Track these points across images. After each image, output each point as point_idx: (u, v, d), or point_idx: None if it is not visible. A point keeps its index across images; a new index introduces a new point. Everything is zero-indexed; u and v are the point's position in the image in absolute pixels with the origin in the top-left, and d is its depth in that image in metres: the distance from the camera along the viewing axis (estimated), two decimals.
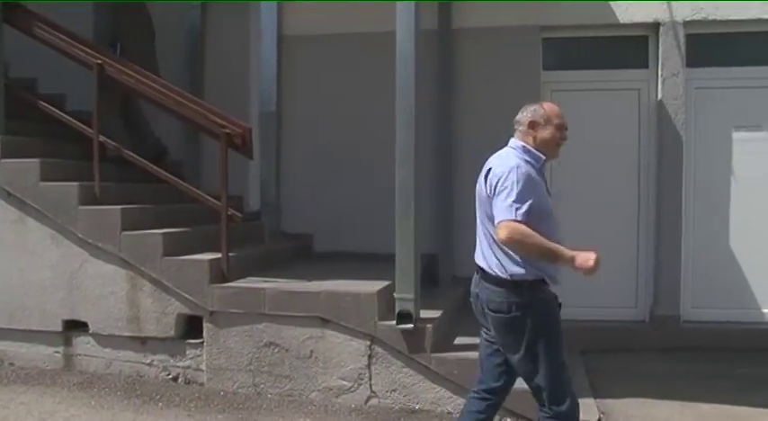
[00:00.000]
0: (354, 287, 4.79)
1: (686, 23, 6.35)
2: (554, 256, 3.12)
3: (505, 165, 3.27)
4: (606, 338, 6.35)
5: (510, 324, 3.26)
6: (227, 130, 5.04)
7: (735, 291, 6.46)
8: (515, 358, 3.31)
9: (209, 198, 5.23)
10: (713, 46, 6.52)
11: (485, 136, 6.45)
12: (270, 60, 6.77)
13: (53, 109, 5.68)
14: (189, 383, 5.03)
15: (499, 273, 3.25)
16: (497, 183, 3.23)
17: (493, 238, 3.28)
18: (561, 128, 3.42)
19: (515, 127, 3.54)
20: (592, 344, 6.25)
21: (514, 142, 3.47)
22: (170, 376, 5.09)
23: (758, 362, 5.85)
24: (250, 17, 6.91)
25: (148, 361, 5.14)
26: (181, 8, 6.97)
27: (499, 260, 3.26)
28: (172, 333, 5.05)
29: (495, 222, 3.18)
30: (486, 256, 3.35)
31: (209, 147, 6.27)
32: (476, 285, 3.45)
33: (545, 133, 3.41)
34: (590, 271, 3.06)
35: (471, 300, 3.52)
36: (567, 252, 3.09)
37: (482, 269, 3.37)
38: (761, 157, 6.43)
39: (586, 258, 3.06)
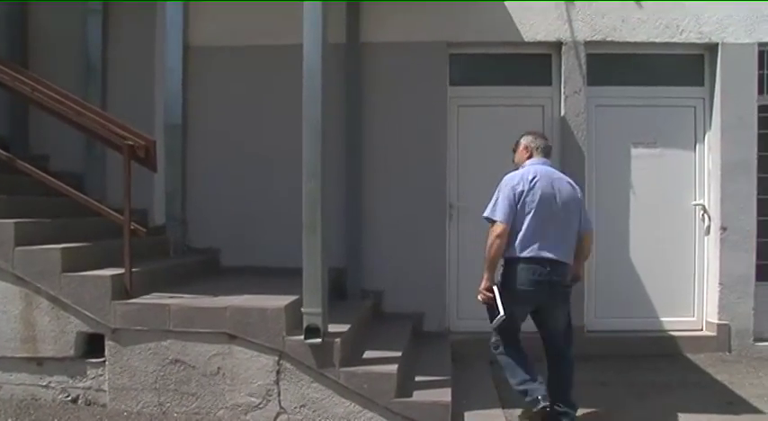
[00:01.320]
0: (262, 302, 4.71)
1: (587, 43, 6.62)
2: None
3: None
4: None
5: (569, 292, 4.69)
6: (130, 142, 4.89)
7: (634, 300, 6.75)
8: (565, 313, 4.72)
9: (111, 211, 5.06)
10: (612, 66, 6.83)
11: (393, 149, 6.61)
12: (176, 71, 6.59)
13: None
14: (90, 405, 4.82)
15: (570, 262, 4.53)
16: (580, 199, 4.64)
17: (574, 236, 4.56)
18: None
19: (549, 152, 4.77)
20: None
21: None
22: (69, 398, 4.86)
23: (655, 367, 6.12)
24: (155, 26, 6.73)
25: (45, 383, 4.89)
26: (81, 12, 6.71)
27: (572, 252, 4.56)
28: (71, 352, 4.83)
29: (589, 229, 4.70)
30: (568, 250, 4.51)
31: (112, 160, 6.08)
32: (548, 274, 4.40)
33: None
34: None
35: (541, 287, 4.42)
36: None
37: (557, 260, 4.41)
38: (657, 173, 6.76)
39: None
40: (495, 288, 4.48)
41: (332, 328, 4.63)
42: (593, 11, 6.59)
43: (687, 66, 6.82)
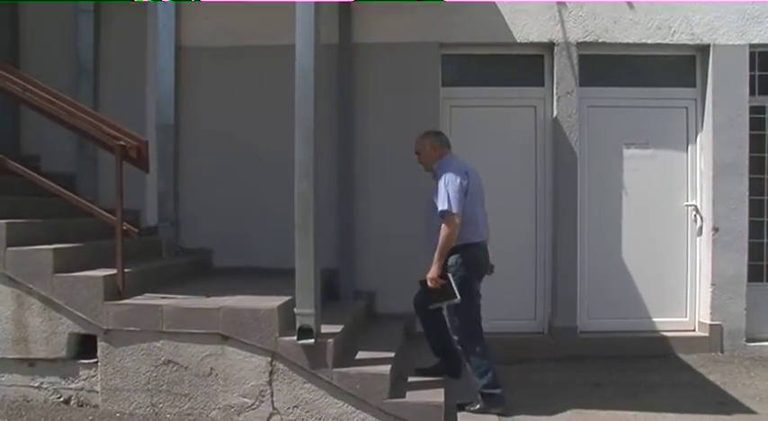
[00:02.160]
0: (254, 303, 4.71)
1: (579, 44, 6.63)
2: None
3: None
4: (507, 349, 6.45)
5: None
6: (122, 143, 4.88)
7: (627, 301, 6.76)
8: None
9: (103, 212, 5.05)
10: (604, 66, 6.84)
11: (385, 149, 6.60)
12: (167, 71, 6.57)
13: None
14: (82, 406, 4.81)
15: None
16: None
17: None
18: None
19: None
20: (492, 355, 6.39)
21: None
22: (61, 399, 4.85)
23: (646, 368, 6.14)
24: (147, 26, 6.70)
25: (37, 384, 4.87)
26: (72, 12, 6.68)
27: None
28: (63, 353, 4.82)
29: None
30: None
31: (104, 161, 6.07)
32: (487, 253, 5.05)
33: None
34: None
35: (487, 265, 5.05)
36: None
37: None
38: (649, 173, 6.77)
39: None
40: (449, 275, 4.73)
41: (325, 329, 4.63)
42: (586, 12, 6.60)
43: (679, 67, 6.85)
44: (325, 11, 5.00)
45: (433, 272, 4.73)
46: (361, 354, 4.91)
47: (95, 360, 4.78)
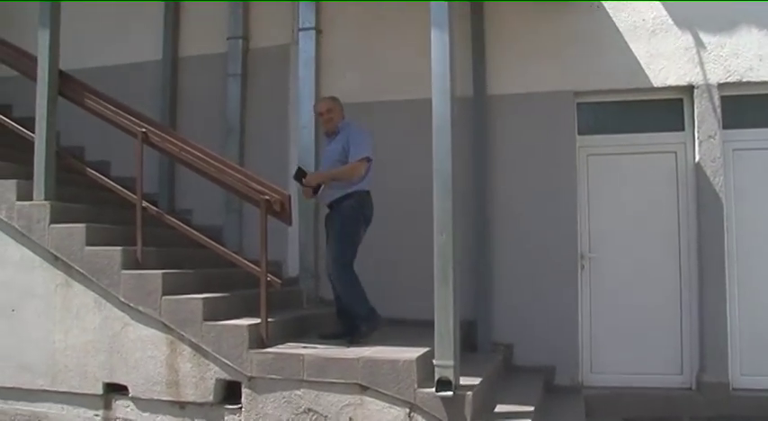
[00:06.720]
0: (393, 354, 4.75)
1: (720, 85, 6.37)
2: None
3: None
4: (651, 406, 6.19)
5: None
6: (267, 197, 5.12)
7: None
8: None
9: (249, 263, 5.28)
10: (750, 107, 6.51)
11: (521, 200, 6.55)
12: (308, 128, 6.91)
13: (99, 175, 5.82)
14: None
15: None
16: None
17: None
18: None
19: None
20: (636, 411, 6.14)
21: None
22: None
23: None
24: (288, 87, 7.12)
25: None
26: (221, 78, 7.20)
27: None
28: (210, 398, 5.02)
29: None
30: None
31: (249, 214, 6.38)
32: None
33: None
34: None
35: None
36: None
37: None
38: None
39: None
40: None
41: (463, 381, 4.57)
42: (727, 51, 6.35)
43: None
44: (459, 64, 5.08)
45: (316, 178, 5.50)
46: (499, 408, 4.83)
47: (240, 406, 4.94)
